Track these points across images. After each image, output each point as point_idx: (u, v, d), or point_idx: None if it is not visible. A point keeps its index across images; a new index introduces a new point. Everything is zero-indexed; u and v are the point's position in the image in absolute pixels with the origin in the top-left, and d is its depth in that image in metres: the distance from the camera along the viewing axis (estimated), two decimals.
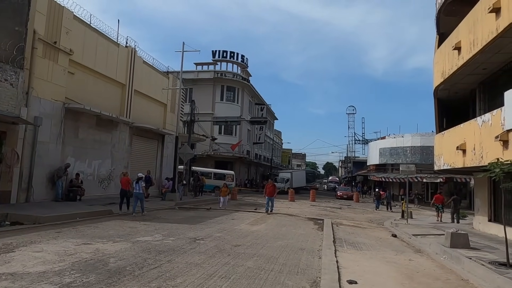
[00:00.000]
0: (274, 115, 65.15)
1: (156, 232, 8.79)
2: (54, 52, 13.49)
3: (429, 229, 13.66)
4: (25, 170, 12.31)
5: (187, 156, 19.40)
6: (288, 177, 41.60)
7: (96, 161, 16.47)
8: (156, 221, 11.15)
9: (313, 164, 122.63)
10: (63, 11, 13.88)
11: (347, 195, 36.78)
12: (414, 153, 36.25)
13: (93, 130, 16.13)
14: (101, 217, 11.03)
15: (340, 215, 18.67)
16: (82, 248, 6.43)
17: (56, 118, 13.73)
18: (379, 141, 43.92)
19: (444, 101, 16.46)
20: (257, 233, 9.94)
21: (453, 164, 12.70)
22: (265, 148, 57.96)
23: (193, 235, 8.78)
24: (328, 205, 25.83)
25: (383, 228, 14.49)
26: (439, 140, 14.92)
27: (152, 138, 21.53)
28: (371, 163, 45.48)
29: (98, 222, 10.08)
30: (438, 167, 14.73)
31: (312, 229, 12.03)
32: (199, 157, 36.62)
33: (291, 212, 18.30)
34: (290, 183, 39.94)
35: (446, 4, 14.56)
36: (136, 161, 19.78)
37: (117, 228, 9.06)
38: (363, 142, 57.80)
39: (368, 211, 23.71)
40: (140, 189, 12.60)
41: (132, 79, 18.81)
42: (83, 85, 15.51)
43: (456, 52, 12.31)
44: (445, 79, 13.59)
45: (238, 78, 42.47)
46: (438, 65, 14.61)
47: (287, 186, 38.82)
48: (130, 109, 18.70)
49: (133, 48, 18.88)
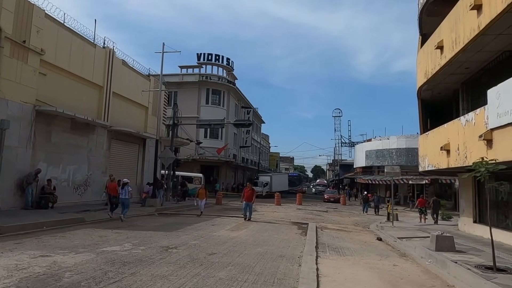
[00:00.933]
0: (261, 119, 64.87)
1: (127, 241, 8.21)
2: (23, 52, 12.80)
3: (415, 232, 13.41)
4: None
5: (169, 160, 18.80)
6: (267, 181, 39.96)
7: (71, 166, 15.73)
8: (130, 228, 10.54)
9: (301, 168, 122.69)
10: (33, 9, 13.21)
11: (334, 198, 36.60)
12: (400, 155, 36.39)
13: (67, 134, 15.40)
14: (71, 226, 10.36)
15: (326, 219, 18.33)
16: (37, 261, 5.84)
17: (26, 121, 13.00)
18: (365, 143, 44.03)
19: (428, 102, 16.36)
20: (236, 240, 9.46)
21: (438, 165, 12.50)
22: (252, 151, 57.52)
23: (167, 243, 8.24)
24: (314, 209, 25.50)
25: (369, 231, 14.19)
26: (423, 141, 14.75)
27: (132, 142, 20.84)
28: (357, 166, 45.55)
29: (67, 231, 9.43)
30: (422, 168, 14.54)
31: (295, 234, 11.61)
32: (184, 161, 35.90)
33: (276, 216, 17.87)
34: (269, 187, 38.69)
35: (428, 4, 14.47)
36: (115, 166, 19.03)
37: (84, 238, 8.45)
38: (350, 145, 57.97)
39: (355, 214, 23.47)
40: (126, 195, 12.49)
41: (110, 81, 18.15)
42: (56, 86, 14.80)
43: (438, 51, 12.16)
44: (428, 79, 13.44)
45: (224, 81, 42.01)
46: (421, 65, 14.47)
47: (265, 190, 37.61)
48: (108, 112, 18.02)
49: (111, 49, 18.24)
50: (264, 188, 37.83)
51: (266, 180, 39.84)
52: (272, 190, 37.50)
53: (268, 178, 40.63)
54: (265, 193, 36.38)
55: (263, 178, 41.15)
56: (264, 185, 38.39)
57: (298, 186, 53.17)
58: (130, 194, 12.81)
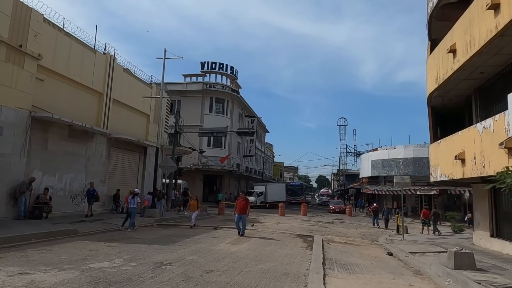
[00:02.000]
0: (265, 128, 64.37)
1: (118, 256, 7.59)
2: (19, 56, 12.42)
3: (427, 246, 12.64)
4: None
5: (169, 169, 18.23)
6: (262, 190, 37.73)
7: (68, 175, 15.22)
8: (124, 241, 9.93)
9: (305, 177, 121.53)
10: (31, 13, 12.89)
11: (340, 209, 35.69)
12: (407, 165, 35.51)
13: (65, 141, 14.94)
14: (62, 238, 9.78)
15: (332, 231, 17.57)
16: (13, 280, 5.25)
17: (21, 127, 12.54)
18: (371, 153, 43.21)
19: (438, 109, 15.72)
20: (237, 255, 8.80)
21: (452, 175, 11.79)
22: (256, 161, 56.88)
23: (161, 258, 7.60)
24: (319, 220, 24.70)
25: (378, 245, 13.43)
26: (434, 150, 14.06)
27: (133, 151, 20.35)
28: (363, 176, 44.64)
29: (56, 244, 8.84)
30: (434, 178, 13.82)
31: (300, 248, 10.90)
32: (187, 170, 35.37)
33: (280, 228, 17.15)
34: (264, 197, 36.68)
35: (438, 8, 13.96)
36: (114, 175, 18.54)
37: (73, 252, 7.85)
38: (355, 154, 57.13)
39: (362, 225, 22.64)
40: (134, 204, 12.92)
41: (111, 88, 17.76)
42: (54, 93, 14.41)
43: (451, 55, 11.58)
44: (439, 85, 12.83)
45: (227, 90, 41.68)
46: (431, 71, 13.89)
47: (260, 200, 35.70)
48: (108, 120, 17.58)
49: (112, 55, 17.89)
50: (258, 198, 35.95)
51: (260, 190, 37.88)
52: (267, 200, 35.95)
53: (263, 188, 38.51)
54: (259, 203, 34.82)
55: (258, 187, 39.15)
56: (259, 195, 36.58)
57: (300, 196, 49.87)
58: (138, 204, 13.49)
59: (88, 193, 15.27)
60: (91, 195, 15.18)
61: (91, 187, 15.30)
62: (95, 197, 15.35)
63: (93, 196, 15.21)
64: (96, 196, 15.42)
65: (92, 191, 15.24)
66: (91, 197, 15.16)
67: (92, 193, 15.23)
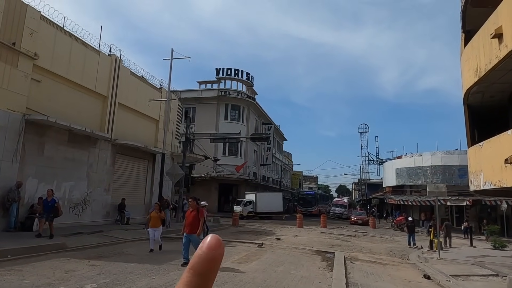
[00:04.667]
0: (283, 136, 62.75)
1: (94, 280, 6.27)
2: (12, 55, 11.57)
3: (470, 267, 10.71)
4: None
5: (177, 176, 17.01)
6: (250, 199, 33.12)
7: (67, 183, 14.21)
8: (113, 258, 8.62)
9: (325, 187, 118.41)
10: (26, 9, 12.08)
11: (362, 220, 33.47)
12: (435, 173, 33.03)
13: (64, 147, 13.97)
14: (44, 254, 8.58)
15: (354, 245, 15.77)
16: None
17: (13, 131, 11.61)
18: (395, 160, 40.80)
19: (476, 108, 13.82)
20: (241, 278, 7.30)
21: (500, 183, 9.90)
22: (274, 170, 55.23)
23: (145, 284, 6.22)
24: (340, 233, 22.80)
25: (409, 264, 11.60)
26: (475, 154, 12.17)
27: (140, 158, 19.30)
28: (387, 185, 42.18)
29: (33, 261, 7.64)
30: (476, 187, 11.88)
31: (318, 268, 9.29)
32: (201, 179, 34.22)
33: (297, 242, 15.51)
34: (253, 207, 32.41)
35: None
36: (120, 184, 17.47)
37: (44, 273, 6.59)
38: (378, 162, 54.53)
39: (387, 239, 20.62)
40: None
41: (116, 91, 16.81)
42: (52, 95, 13.52)
43: (495, 41, 9.83)
44: (481, 77, 11.03)
45: (243, 96, 40.58)
46: (469, 63, 12.11)
47: (247, 210, 31.59)
48: (113, 124, 16.59)
49: (117, 57, 17.00)
50: (245, 207, 31.90)
51: (249, 199, 33.33)
52: (256, 211, 32.03)
53: (253, 196, 33.80)
54: (247, 214, 31.12)
55: (248, 196, 34.65)
56: (246, 204, 32.32)
57: (313, 207, 44.08)
58: None
59: (44, 205, 10.99)
60: (48, 208, 10.82)
61: (48, 196, 11.06)
62: (54, 210, 10.92)
63: (51, 209, 10.83)
64: (56, 208, 10.96)
65: (50, 202, 10.89)
66: (48, 210, 10.78)
67: (48, 205, 10.87)
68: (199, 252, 0.31)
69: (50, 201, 10.92)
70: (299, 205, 44.13)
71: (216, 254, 0.31)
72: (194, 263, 0.31)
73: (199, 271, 0.30)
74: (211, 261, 0.30)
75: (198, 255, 0.31)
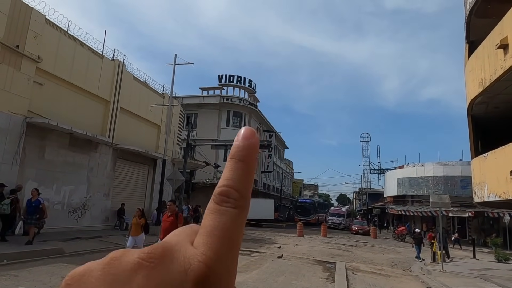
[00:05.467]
0: (284, 144, 62.66)
1: None
2: (15, 58, 11.57)
3: (475, 280, 10.51)
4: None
5: (177, 182, 16.86)
6: None
7: (67, 187, 14.09)
8: None
9: (326, 196, 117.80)
10: (31, 12, 12.12)
11: (363, 230, 33.17)
12: (437, 184, 32.85)
13: (65, 150, 13.90)
14: (41, 259, 8.44)
15: (356, 256, 15.55)
16: None
17: (14, 134, 11.55)
18: (396, 170, 40.59)
19: (480, 119, 13.75)
20: None
21: (505, 195, 9.76)
22: (275, 177, 55.01)
23: None
24: (341, 242, 22.55)
25: (412, 276, 11.39)
26: (479, 165, 12.04)
27: (141, 163, 19.20)
28: (388, 195, 41.95)
29: (29, 267, 7.50)
30: (480, 198, 11.74)
31: (320, 279, 9.11)
32: (202, 185, 34.06)
33: (297, 251, 15.30)
34: None
35: (480, 3, 12.28)
36: (120, 188, 17.36)
37: (40, 279, 6.45)
38: (379, 172, 54.29)
39: (388, 250, 20.37)
40: None
41: (119, 96, 16.80)
42: (54, 98, 13.48)
43: (500, 51, 9.78)
44: (485, 88, 10.97)
45: (245, 103, 40.62)
46: (473, 73, 12.05)
47: None
48: (114, 129, 16.53)
49: (120, 62, 17.02)
50: None
51: None
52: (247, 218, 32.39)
53: None
54: None
55: None
56: None
57: (312, 216, 42.59)
58: None
59: (27, 206, 10.26)
60: (31, 209, 10.04)
61: (32, 196, 10.27)
62: (39, 212, 10.12)
63: (34, 210, 10.01)
64: (41, 210, 10.20)
65: (34, 203, 10.09)
66: (32, 211, 10.00)
67: (33, 206, 10.04)
68: (236, 143, 0.34)
69: (34, 202, 10.11)
70: (297, 214, 42.90)
71: (252, 142, 0.33)
72: (234, 153, 0.33)
73: (240, 158, 0.32)
74: (249, 148, 0.33)
75: (236, 145, 0.34)
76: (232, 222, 0.29)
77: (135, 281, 0.25)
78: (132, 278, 0.25)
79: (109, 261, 0.26)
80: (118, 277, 0.25)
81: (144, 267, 0.25)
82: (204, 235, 0.28)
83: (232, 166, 0.32)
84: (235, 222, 0.29)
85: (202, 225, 0.29)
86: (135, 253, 0.26)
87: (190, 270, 0.26)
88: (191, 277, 0.25)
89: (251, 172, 0.33)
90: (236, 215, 0.29)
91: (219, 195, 0.30)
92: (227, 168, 0.32)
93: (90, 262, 0.27)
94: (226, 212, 0.29)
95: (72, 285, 0.26)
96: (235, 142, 0.34)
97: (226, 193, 0.30)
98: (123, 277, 0.25)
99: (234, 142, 0.35)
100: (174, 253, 0.27)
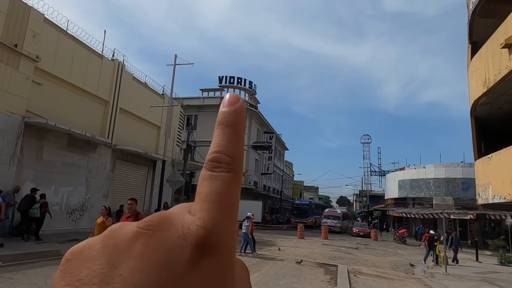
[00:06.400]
0: (285, 145, 62.51)
1: None
2: (13, 57, 11.43)
3: (479, 284, 10.33)
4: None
5: (177, 184, 16.70)
6: None
7: (66, 188, 13.93)
8: None
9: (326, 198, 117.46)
10: (30, 11, 11.98)
11: (364, 232, 32.95)
12: (438, 186, 32.65)
13: (63, 151, 13.74)
14: (38, 261, 8.27)
15: (357, 258, 15.37)
16: None
17: (11, 134, 11.39)
18: (397, 172, 40.42)
19: (483, 120, 13.60)
20: None
21: (510, 197, 9.60)
22: (275, 179, 54.84)
23: None
24: (342, 244, 22.36)
25: (415, 279, 11.22)
26: (483, 166, 11.88)
27: (141, 164, 19.05)
28: (389, 197, 41.74)
29: (25, 269, 7.34)
30: (484, 200, 11.58)
31: (322, 282, 8.94)
32: None
33: (298, 253, 15.13)
34: None
35: (483, 3, 12.15)
36: (119, 190, 17.18)
37: (35, 281, 6.29)
38: (380, 174, 54.08)
39: (390, 252, 20.18)
40: (243, 229, 13.39)
41: (118, 96, 16.65)
42: (53, 98, 13.33)
43: (505, 51, 9.65)
44: (489, 88, 10.82)
45: (245, 105, 40.35)
46: (477, 74, 11.91)
47: None
48: (114, 130, 16.38)
49: (120, 62, 16.89)
50: None
51: None
52: None
53: None
54: None
55: None
56: None
57: (309, 218, 40.90)
58: (246, 228, 13.56)
59: None
60: None
61: None
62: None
63: None
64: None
65: None
66: None
67: None
68: (222, 110, 0.33)
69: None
70: (293, 216, 41.84)
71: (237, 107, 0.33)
72: (220, 119, 0.32)
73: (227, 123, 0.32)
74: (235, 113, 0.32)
75: (222, 111, 0.33)
76: (226, 185, 0.29)
77: (134, 249, 0.25)
78: (131, 246, 0.26)
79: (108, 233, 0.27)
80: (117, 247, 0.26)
81: (143, 235, 0.26)
82: (200, 202, 0.28)
83: (220, 133, 0.31)
84: (230, 185, 0.29)
85: (197, 192, 0.29)
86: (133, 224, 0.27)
87: (189, 234, 0.26)
88: (190, 241, 0.26)
89: (240, 136, 0.32)
90: (230, 178, 0.29)
91: (210, 161, 0.30)
92: (216, 135, 0.32)
93: (89, 238, 0.28)
94: (219, 177, 0.29)
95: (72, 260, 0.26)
96: (221, 108, 0.33)
97: (217, 159, 0.30)
98: (123, 246, 0.26)
99: (220, 108, 0.34)
100: (172, 221, 0.27)
